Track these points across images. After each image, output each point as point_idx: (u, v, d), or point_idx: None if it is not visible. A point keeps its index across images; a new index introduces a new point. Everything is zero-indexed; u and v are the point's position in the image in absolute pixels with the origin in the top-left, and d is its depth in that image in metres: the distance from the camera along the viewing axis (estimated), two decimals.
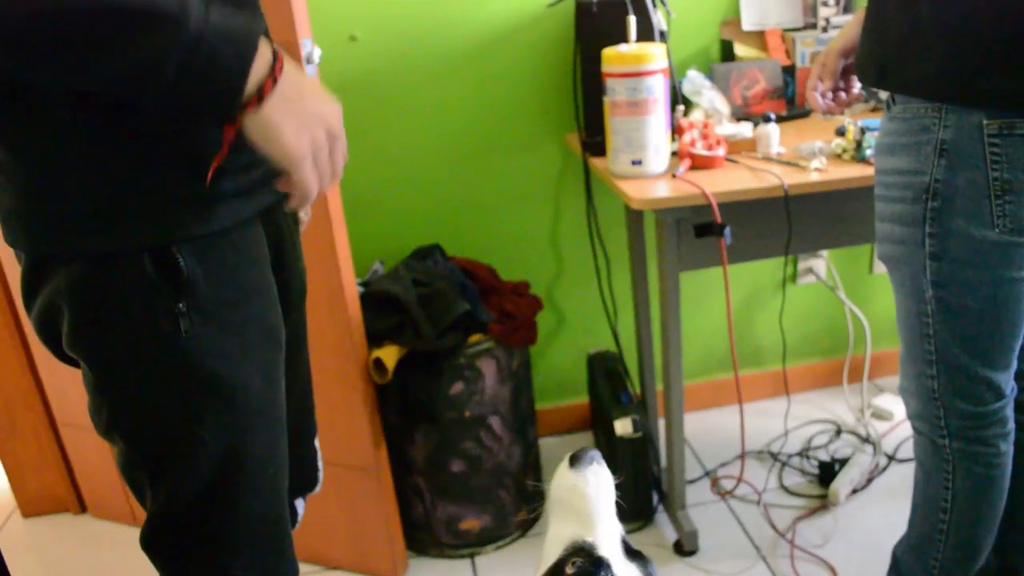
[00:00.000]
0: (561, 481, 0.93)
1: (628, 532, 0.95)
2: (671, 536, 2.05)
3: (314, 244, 1.67)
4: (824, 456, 2.29)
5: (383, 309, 1.85)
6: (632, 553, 0.93)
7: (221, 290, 0.92)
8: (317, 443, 1.36)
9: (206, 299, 0.90)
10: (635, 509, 2.11)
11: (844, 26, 1.46)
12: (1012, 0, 1.10)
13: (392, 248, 2.18)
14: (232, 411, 0.96)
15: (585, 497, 0.90)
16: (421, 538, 2.06)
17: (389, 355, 1.79)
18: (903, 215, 1.29)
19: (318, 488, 1.38)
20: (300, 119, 0.84)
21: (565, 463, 0.93)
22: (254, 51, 0.80)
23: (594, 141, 1.95)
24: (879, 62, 1.27)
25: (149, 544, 1.03)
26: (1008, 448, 1.40)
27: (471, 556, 2.06)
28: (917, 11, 1.17)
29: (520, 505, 2.09)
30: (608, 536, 0.90)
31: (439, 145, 2.20)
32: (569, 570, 0.87)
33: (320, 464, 1.37)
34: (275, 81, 0.81)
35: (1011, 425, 1.39)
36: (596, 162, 1.95)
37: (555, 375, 2.48)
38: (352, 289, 1.74)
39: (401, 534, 1.99)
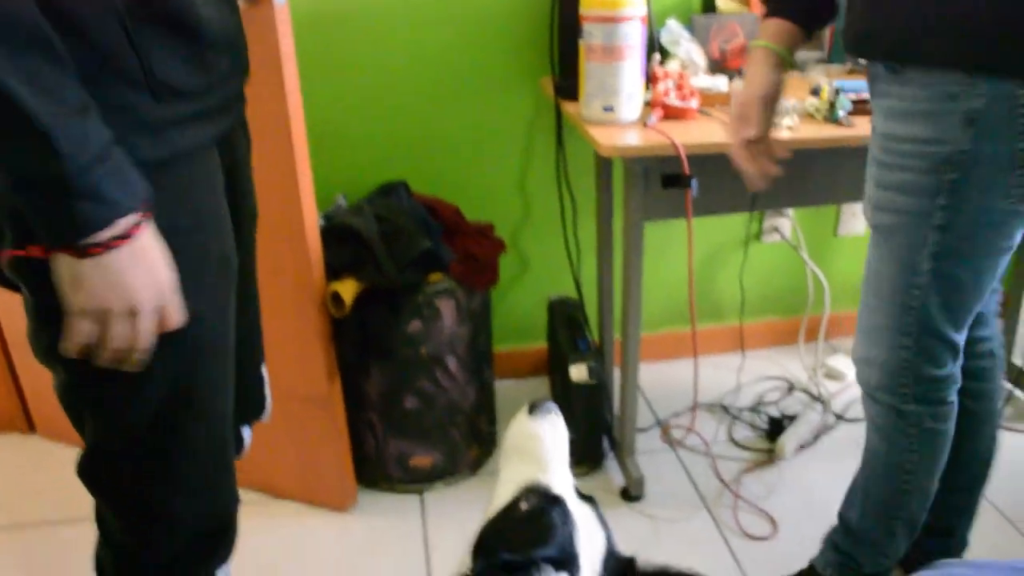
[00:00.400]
0: (518, 427, 0.96)
1: (577, 476, 0.97)
2: (619, 481, 2.09)
3: (276, 174, 1.64)
4: (775, 412, 2.33)
5: (344, 243, 1.83)
6: (582, 497, 0.95)
7: (175, 217, 0.90)
8: (264, 370, 1.35)
9: (159, 226, 0.88)
10: (585, 454, 2.13)
11: (750, 72, 1.38)
12: None
13: (356, 182, 2.15)
14: (183, 341, 0.94)
15: (541, 443, 0.93)
16: (371, 472, 2.07)
17: (347, 289, 1.77)
18: (912, 185, 1.23)
19: (265, 416, 1.38)
20: (102, 286, 0.82)
21: (523, 411, 0.96)
22: (108, 224, 0.78)
23: (567, 84, 1.92)
24: (898, 35, 1.19)
25: (87, 473, 1.02)
26: (956, 399, 1.43)
27: (420, 492, 2.08)
28: None
29: (472, 444, 2.10)
30: (561, 480, 0.92)
31: (410, 80, 2.16)
32: (523, 506, 0.88)
33: (267, 391, 1.36)
34: (104, 250, 0.79)
35: (959, 377, 1.42)
36: (568, 106, 1.93)
37: (515, 318, 2.49)
38: (313, 221, 1.71)
39: (351, 467, 2.00)
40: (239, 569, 1.61)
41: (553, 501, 0.89)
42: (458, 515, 2.00)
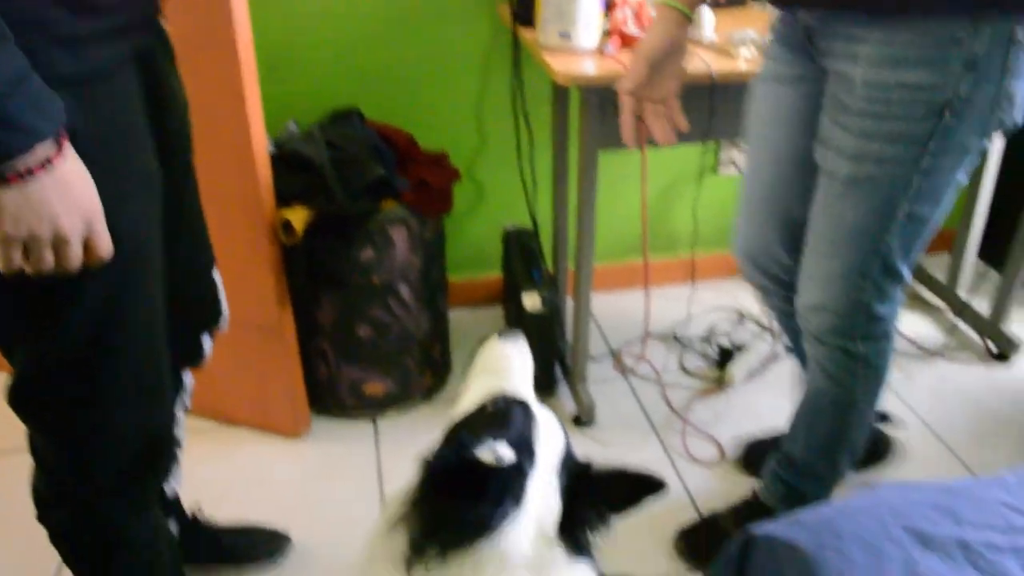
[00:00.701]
0: (488, 349, 1.06)
1: None
2: (571, 408, 2.12)
3: (223, 99, 1.60)
4: (725, 342, 2.37)
5: (294, 170, 1.80)
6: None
7: (96, 133, 0.89)
8: (217, 274, 1.35)
9: (81, 142, 0.86)
10: (538, 382, 2.13)
11: (650, 29, 1.31)
12: None
13: (309, 108, 2.10)
14: (114, 260, 0.93)
15: (509, 361, 1.03)
16: (325, 399, 2.08)
17: (298, 216, 1.75)
18: (905, 133, 1.20)
19: (223, 322, 1.38)
20: (25, 213, 0.80)
21: (494, 336, 1.06)
22: (25, 151, 0.77)
23: (524, 10, 1.89)
24: None
25: (18, 400, 1.01)
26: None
27: (374, 419, 2.10)
28: None
29: (425, 372, 2.12)
30: (525, 391, 1.00)
31: (365, 4, 2.10)
32: (489, 408, 0.96)
33: (222, 297, 1.36)
34: (24, 178, 0.78)
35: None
36: (525, 33, 1.90)
37: (471, 248, 2.49)
38: (262, 147, 1.68)
39: (304, 394, 2.01)
40: (194, 495, 1.63)
41: (517, 403, 0.96)
42: (411, 441, 2.02)
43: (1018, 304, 2.45)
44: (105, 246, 0.88)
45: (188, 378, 1.39)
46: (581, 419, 2.07)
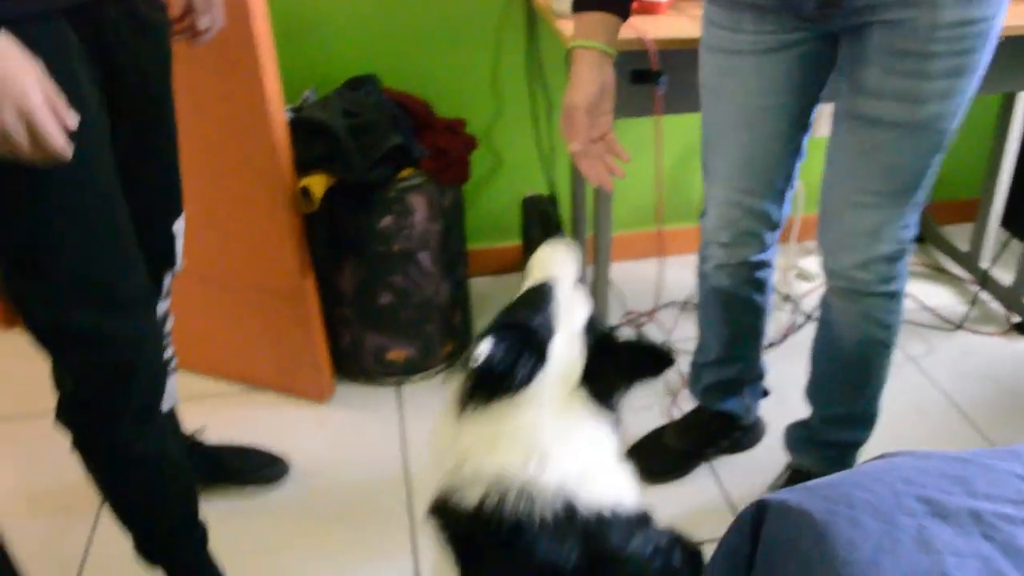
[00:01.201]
0: (538, 254, 1.20)
1: None
2: None
3: (239, 66, 1.61)
4: None
5: (312, 137, 1.81)
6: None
7: None
8: (177, 227, 1.36)
9: None
10: None
11: (573, 76, 1.27)
12: None
13: (326, 76, 2.10)
14: (38, 203, 0.97)
15: (551, 259, 1.18)
16: (349, 365, 2.11)
17: (317, 184, 1.76)
18: (969, 66, 1.23)
19: (178, 267, 1.40)
20: None
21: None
22: None
23: None
24: None
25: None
26: None
27: (397, 384, 2.12)
28: None
29: (446, 339, 2.13)
30: (563, 279, 1.14)
31: None
32: (524, 293, 1.13)
33: (178, 248, 1.38)
34: None
35: None
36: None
37: (490, 216, 2.49)
38: (280, 115, 1.68)
39: (328, 360, 2.04)
40: None
41: (544, 283, 1.12)
42: (434, 406, 2.03)
43: None
44: (55, 142, 0.88)
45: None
46: None
